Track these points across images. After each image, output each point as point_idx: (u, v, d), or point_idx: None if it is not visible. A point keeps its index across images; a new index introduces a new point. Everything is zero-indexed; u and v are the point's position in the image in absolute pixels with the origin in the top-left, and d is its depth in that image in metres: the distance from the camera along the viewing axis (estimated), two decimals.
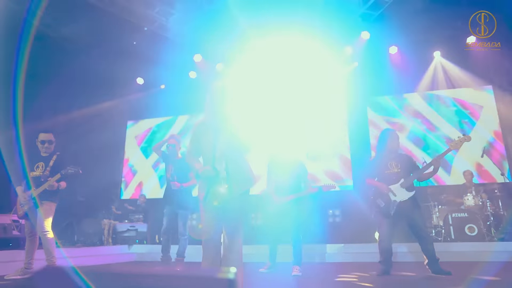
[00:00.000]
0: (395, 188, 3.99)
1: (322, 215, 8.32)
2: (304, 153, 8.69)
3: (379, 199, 4.07)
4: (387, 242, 4.01)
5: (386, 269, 4.03)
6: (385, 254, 4.01)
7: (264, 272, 4.57)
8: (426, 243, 3.91)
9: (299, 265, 4.32)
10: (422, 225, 3.95)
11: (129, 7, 7.26)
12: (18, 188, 4.14)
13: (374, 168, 4.25)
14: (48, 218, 4.04)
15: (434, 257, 3.91)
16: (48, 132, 4.41)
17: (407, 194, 3.97)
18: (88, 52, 8.92)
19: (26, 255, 4.19)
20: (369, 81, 8.62)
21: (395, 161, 4.12)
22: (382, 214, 4.04)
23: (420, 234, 3.92)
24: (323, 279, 4.18)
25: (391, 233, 4.03)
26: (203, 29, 8.19)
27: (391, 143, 4.16)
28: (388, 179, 4.04)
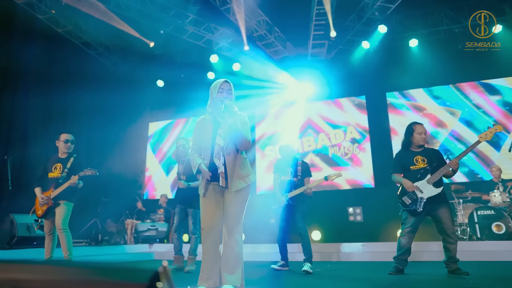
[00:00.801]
0: (421, 184, 3.82)
1: (342, 213, 8.21)
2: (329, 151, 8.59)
3: (405, 196, 3.90)
4: (408, 240, 3.87)
5: (399, 267, 3.92)
6: (403, 252, 3.89)
7: (275, 269, 4.55)
8: (450, 242, 3.74)
9: (310, 262, 4.27)
10: (449, 223, 3.74)
11: (144, 11, 7.41)
12: (36, 189, 4.32)
13: (399, 163, 4.06)
14: (65, 217, 4.17)
15: (454, 257, 3.76)
16: (68, 133, 4.58)
17: (435, 190, 3.77)
18: (108, 56, 9.22)
19: (46, 253, 4.37)
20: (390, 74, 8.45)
21: (422, 155, 3.95)
22: (409, 212, 3.88)
23: (446, 232, 3.73)
24: (334, 277, 4.11)
25: (414, 232, 3.87)
26: (218, 29, 8.27)
27: (417, 136, 3.97)
28: (415, 175, 3.88)
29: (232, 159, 2.61)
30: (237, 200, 2.59)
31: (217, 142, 2.64)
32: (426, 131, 4.04)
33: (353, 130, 8.73)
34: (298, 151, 8.93)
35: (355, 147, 8.62)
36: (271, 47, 8.56)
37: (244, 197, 2.64)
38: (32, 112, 7.28)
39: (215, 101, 2.69)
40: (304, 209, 4.45)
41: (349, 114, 8.85)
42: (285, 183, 4.54)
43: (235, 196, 2.59)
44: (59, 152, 4.51)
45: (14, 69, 7.26)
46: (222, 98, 2.67)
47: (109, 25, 7.87)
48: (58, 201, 4.20)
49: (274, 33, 8.23)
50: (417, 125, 4.05)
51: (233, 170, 2.60)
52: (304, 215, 4.43)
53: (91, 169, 4.13)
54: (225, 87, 2.73)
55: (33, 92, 7.44)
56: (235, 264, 2.54)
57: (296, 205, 4.43)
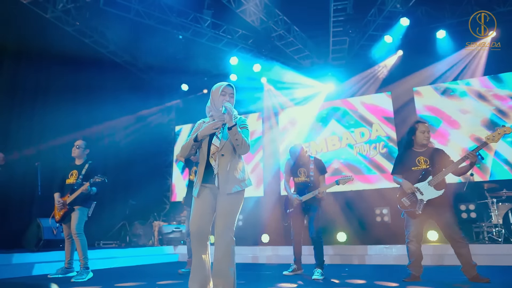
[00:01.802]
0: (422, 186, 3.66)
1: (368, 214, 7.94)
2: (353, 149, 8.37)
3: (404, 198, 3.75)
4: (415, 244, 3.69)
5: (415, 274, 3.73)
6: (413, 258, 3.71)
7: (287, 275, 4.48)
8: (459, 246, 3.53)
9: (321, 268, 4.16)
10: (453, 226, 3.55)
11: (163, 17, 7.57)
12: (55, 194, 4.54)
13: (400, 164, 3.91)
14: (80, 222, 4.35)
15: (469, 262, 3.52)
16: (81, 139, 4.78)
17: (436, 192, 3.61)
18: (134, 64, 9.52)
19: (66, 256, 4.58)
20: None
21: (425, 156, 3.77)
22: (408, 214, 3.75)
23: (452, 237, 3.54)
24: (347, 283, 3.96)
25: (419, 235, 3.70)
26: (237, 31, 8.29)
27: (419, 136, 3.80)
28: (416, 176, 3.71)
29: (227, 161, 2.57)
30: (230, 204, 2.55)
31: (213, 143, 2.61)
32: (429, 130, 3.85)
33: (379, 127, 8.42)
34: (309, 150, 8.76)
35: (381, 145, 8.31)
36: (291, 46, 8.44)
37: (237, 202, 2.59)
38: (63, 121, 7.65)
39: (216, 103, 2.66)
40: (318, 212, 4.34)
41: (374, 111, 8.54)
42: (298, 185, 4.45)
43: (227, 200, 2.55)
44: (76, 159, 4.71)
45: (45, 79, 7.67)
46: (223, 100, 2.64)
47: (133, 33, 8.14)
48: (73, 206, 4.38)
49: (293, 32, 8.11)
50: (420, 124, 3.88)
51: (228, 173, 2.56)
52: (318, 218, 4.32)
53: (100, 176, 4.27)
54: (227, 91, 2.69)
55: (63, 101, 7.83)
56: (225, 268, 2.50)
57: (309, 208, 4.33)
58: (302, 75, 8.90)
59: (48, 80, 7.72)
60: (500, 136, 3.53)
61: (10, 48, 7.07)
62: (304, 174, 4.42)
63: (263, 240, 8.06)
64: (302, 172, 4.45)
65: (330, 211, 8.28)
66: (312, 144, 8.99)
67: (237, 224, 8.79)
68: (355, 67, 8.65)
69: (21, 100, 7.16)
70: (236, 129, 2.53)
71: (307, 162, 4.47)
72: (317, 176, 4.40)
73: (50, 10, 7.48)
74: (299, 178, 4.47)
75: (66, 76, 7.88)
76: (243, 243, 7.91)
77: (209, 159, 2.60)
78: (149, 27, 7.78)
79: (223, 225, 2.53)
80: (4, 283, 4.06)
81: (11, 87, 7.11)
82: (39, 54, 7.36)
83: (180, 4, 7.52)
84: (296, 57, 8.79)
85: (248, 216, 8.88)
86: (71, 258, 4.57)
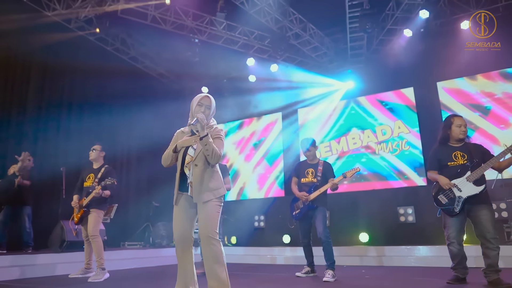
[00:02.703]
0: (460, 182, 3.47)
1: (391, 213, 7.71)
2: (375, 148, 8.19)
3: (442, 195, 3.57)
4: (456, 246, 3.51)
5: (460, 276, 3.55)
6: (457, 259, 3.54)
7: (299, 276, 4.43)
8: (488, 247, 3.33)
9: (332, 269, 4.08)
10: (489, 226, 3.34)
11: (179, 22, 7.70)
12: (74, 196, 4.72)
13: (436, 160, 3.71)
14: (96, 224, 4.50)
15: (494, 265, 3.32)
16: (98, 144, 4.95)
17: (475, 189, 3.40)
18: (154, 68, 9.76)
19: (85, 257, 4.75)
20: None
21: (462, 151, 3.58)
22: (446, 212, 3.56)
23: (486, 237, 3.34)
24: (353, 286, 3.86)
25: (460, 235, 3.52)
26: (253, 32, 8.30)
27: (455, 130, 3.60)
28: (453, 172, 3.53)
29: (200, 171, 2.62)
30: (206, 212, 2.60)
31: (188, 153, 2.68)
32: (465, 124, 3.63)
33: (401, 124, 8.16)
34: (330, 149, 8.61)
35: (404, 142, 8.05)
36: (308, 45, 8.35)
37: (213, 209, 2.62)
38: (86, 126, 7.96)
39: (194, 113, 2.74)
40: (325, 211, 4.28)
41: (396, 108, 8.28)
42: (305, 185, 4.40)
43: (204, 208, 2.60)
44: (93, 163, 4.88)
45: (69, 86, 8.01)
46: (198, 111, 2.71)
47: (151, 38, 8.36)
48: (89, 209, 4.54)
49: (309, 30, 8.02)
50: (455, 117, 3.67)
51: (201, 182, 2.60)
52: (325, 218, 4.26)
53: (111, 179, 4.40)
54: (204, 102, 2.78)
55: (87, 107, 8.15)
56: (216, 270, 2.55)
57: (317, 208, 4.28)
58: (321, 73, 8.78)
59: (72, 87, 8.06)
60: None
61: (37, 59, 7.45)
62: (312, 174, 4.38)
63: (284, 241, 8.01)
64: (310, 172, 4.40)
65: (351, 211, 8.13)
66: (333, 143, 8.85)
67: (258, 225, 8.89)
68: (375, 63, 8.42)
69: (47, 106, 7.50)
70: (207, 139, 2.57)
71: (316, 164, 4.42)
72: (324, 178, 4.34)
73: (73, 21, 7.81)
74: (306, 178, 4.42)
75: (90, 82, 8.20)
76: (261, 244, 7.91)
77: (184, 168, 2.65)
78: (166, 32, 7.94)
79: (204, 230, 2.58)
80: (29, 282, 4.27)
81: (39, 96, 7.48)
82: (64, 63, 7.71)
83: (195, 8, 7.63)
84: (314, 55, 8.69)
85: (270, 217, 8.87)
86: (90, 259, 4.74)
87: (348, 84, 8.72)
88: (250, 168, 9.76)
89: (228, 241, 8.66)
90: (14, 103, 7.07)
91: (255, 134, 9.98)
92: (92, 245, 4.47)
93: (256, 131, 9.98)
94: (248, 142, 10.04)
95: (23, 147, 6.61)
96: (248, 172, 9.77)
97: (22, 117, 7.13)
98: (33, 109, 7.32)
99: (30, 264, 4.95)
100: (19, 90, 7.21)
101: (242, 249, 7.61)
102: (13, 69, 7.15)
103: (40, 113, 7.40)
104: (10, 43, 6.99)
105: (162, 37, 8.05)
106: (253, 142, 9.94)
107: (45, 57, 7.55)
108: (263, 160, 9.66)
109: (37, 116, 7.34)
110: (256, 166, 9.69)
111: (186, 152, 2.68)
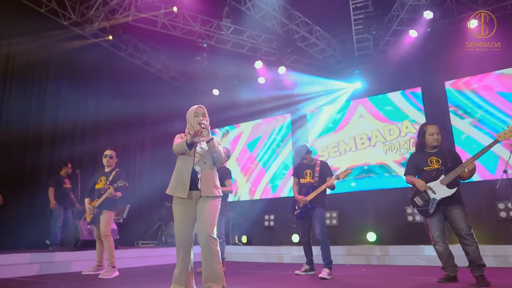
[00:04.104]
0: (434, 185, 3.69)
1: (399, 213, 7.74)
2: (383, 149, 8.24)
3: (418, 197, 3.81)
4: (441, 244, 3.68)
5: (450, 275, 3.68)
6: (445, 257, 3.69)
7: (299, 274, 4.59)
8: (465, 243, 3.51)
9: (329, 268, 4.23)
10: (463, 224, 3.53)
11: (188, 28, 7.95)
12: (86, 199, 5.00)
13: (413, 165, 3.96)
14: (108, 224, 4.75)
15: (475, 261, 3.46)
16: (111, 149, 5.20)
17: (448, 191, 3.63)
18: (166, 72, 10.05)
19: (97, 255, 5.04)
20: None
21: (437, 156, 3.81)
22: (422, 213, 3.80)
23: (461, 234, 3.52)
24: (350, 284, 3.99)
25: (443, 234, 3.69)
26: (260, 36, 8.47)
27: (429, 137, 3.83)
28: (429, 176, 3.75)
29: (209, 168, 2.90)
30: (206, 210, 2.79)
31: (197, 151, 2.91)
32: (438, 131, 3.83)
33: (409, 124, 8.18)
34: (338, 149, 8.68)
35: (412, 142, 8.06)
36: (315, 47, 8.46)
37: (215, 206, 2.84)
38: (102, 128, 8.30)
39: (193, 124, 2.96)
40: (323, 212, 4.43)
41: (404, 108, 8.30)
42: (305, 186, 4.56)
43: (204, 206, 2.79)
44: (105, 166, 5.14)
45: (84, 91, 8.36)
46: (198, 120, 2.93)
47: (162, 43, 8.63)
48: (101, 210, 4.80)
49: (316, 32, 8.13)
50: (428, 126, 3.89)
51: (209, 178, 2.86)
52: (323, 218, 4.41)
53: (122, 181, 4.66)
54: (199, 112, 3.01)
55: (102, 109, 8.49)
56: (212, 267, 2.74)
57: (315, 208, 4.43)
58: (329, 74, 8.89)
59: (87, 92, 8.41)
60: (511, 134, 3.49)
61: (54, 67, 7.83)
62: (310, 175, 4.53)
63: (294, 240, 8.16)
64: (308, 173, 4.55)
65: (359, 210, 8.20)
66: (341, 143, 8.93)
67: (268, 225, 9.07)
68: (382, 63, 8.46)
69: (64, 112, 7.87)
70: (214, 142, 2.86)
71: (314, 164, 4.57)
72: (322, 178, 4.48)
73: (87, 29, 8.15)
74: (305, 179, 4.58)
75: (104, 86, 8.52)
76: (271, 243, 8.09)
77: (194, 165, 2.87)
78: (176, 37, 8.19)
79: (204, 228, 2.76)
80: (46, 278, 4.58)
81: (55, 101, 7.85)
82: (79, 70, 8.08)
83: (203, 14, 7.85)
84: (321, 57, 8.79)
85: (279, 217, 9.03)
86: (102, 257, 5.02)
87: (355, 84, 8.79)
88: (261, 169, 9.95)
89: (238, 240, 8.87)
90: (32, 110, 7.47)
91: (264, 135, 10.15)
92: (104, 244, 4.74)
93: (265, 133, 10.15)
94: (255, 143, 10.23)
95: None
96: (258, 172, 9.96)
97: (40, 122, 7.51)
98: (52, 114, 7.70)
99: (48, 261, 5.27)
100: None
101: (250, 248, 7.81)
102: (32, 75, 7.52)
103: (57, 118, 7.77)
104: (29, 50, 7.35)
105: (172, 42, 8.31)
106: (262, 142, 10.11)
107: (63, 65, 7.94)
108: (273, 160, 9.83)
109: (53, 119, 7.73)
110: (266, 166, 9.87)
111: (195, 151, 2.91)
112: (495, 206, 6.80)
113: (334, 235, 7.99)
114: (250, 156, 10.25)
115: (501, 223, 6.69)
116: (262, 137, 10.19)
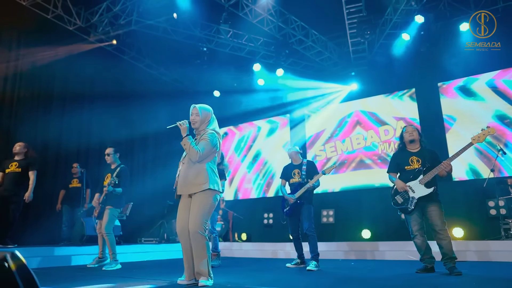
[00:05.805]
0: (413, 184, 3.97)
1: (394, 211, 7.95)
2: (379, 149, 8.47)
3: (398, 196, 4.08)
4: (420, 238, 3.98)
5: (427, 266, 3.97)
6: (422, 249, 3.98)
7: (289, 267, 4.87)
8: (439, 238, 3.79)
9: (316, 260, 4.49)
10: (437, 220, 3.81)
11: (188, 33, 8.24)
12: (96, 194, 5.30)
13: (395, 163, 4.25)
14: (109, 222, 4.99)
15: (447, 254, 3.76)
16: (110, 147, 5.49)
17: (426, 190, 3.90)
18: (168, 74, 10.36)
19: (99, 248, 5.32)
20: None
21: (417, 156, 4.07)
22: (402, 211, 4.09)
23: (433, 228, 3.83)
24: (338, 275, 4.25)
25: (421, 228, 3.99)
26: (258, 39, 8.74)
27: (407, 138, 4.13)
28: (409, 175, 4.02)
29: (185, 167, 3.16)
30: (194, 205, 3.07)
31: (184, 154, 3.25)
32: (413, 130, 4.16)
33: (403, 124, 8.37)
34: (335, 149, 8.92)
35: None
36: (312, 50, 8.72)
37: (201, 202, 3.05)
38: (106, 128, 8.63)
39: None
40: (310, 208, 4.70)
41: (398, 108, 8.55)
42: (293, 185, 4.84)
43: (193, 201, 3.10)
44: (111, 164, 5.43)
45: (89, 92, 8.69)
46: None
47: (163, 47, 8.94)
48: (105, 206, 5.09)
49: (312, 36, 8.38)
50: (406, 127, 4.26)
51: (185, 177, 3.12)
52: (310, 214, 4.67)
53: (113, 179, 4.98)
54: (193, 111, 3.33)
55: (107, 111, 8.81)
56: (200, 261, 3.02)
57: (303, 204, 4.70)
58: (325, 76, 9.14)
59: (93, 94, 8.75)
60: (485, 136, 3.80)
61: (59, 70, 8.17)
62: (298, 175, 4.81)
63: (291, 237, 8.42)
64: (296, 173, 4.84)
65: (355, 208, 8.45)
66: (338, 143, 9.18)
67: (267, 222, 9.34)
68: (377, 65, 8.70)
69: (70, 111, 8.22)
70: (185, 140, 3.10)
71: (301, 164, 4.86)
72: (309, 176, 4.77)
73: (92, 34, 8.48)
74: (293, 179, 4.86)
75: (109, 88, 8.85)
76: (265, 240, 8.37)
77: (179, 163, 3.26)
78: (177, 41, 8.49)
79: (190, 224, 3.04)
80: (55, 270, 4.89)
81: (61, 102, 8.20)
82: (83, 72, 8.42)
83: (203, 19, 8.14)
84: (318, 60, 9.04)
85: (277, 214, 9.30)
86: (103, 250, 5.30)
87: (352, 86, 9.04)
88: (261, 169, 10.23)
89: (238, 238, 9.16)
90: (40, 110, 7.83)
91: (264, 135, 10.42)
92: (106, 241, 4.99)
93: (265, 133, 10.42)
94: (256, 144, 10.50)
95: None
96: (258, 172, 10.24)
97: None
98: (57, 115, 8.05)
99: (57, 255, 5.60)
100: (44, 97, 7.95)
101: (248, 244, 8.11)
102: (38, 79, 7.87)
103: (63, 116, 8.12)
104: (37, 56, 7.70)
105: (173, 45, 8.61)
106: (263, 142, 10.39)
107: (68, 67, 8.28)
108: (272, 160, 10.10)
109: (60, 118, 8.08)
110: (266, 166, 10.15)
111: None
112: (485, 204, 7.00)
113: (330, 232, 8.28)
114: (250, 156, 10.53)
115: (491, 221, 6.90)
116: (262, 137, 10.46)
